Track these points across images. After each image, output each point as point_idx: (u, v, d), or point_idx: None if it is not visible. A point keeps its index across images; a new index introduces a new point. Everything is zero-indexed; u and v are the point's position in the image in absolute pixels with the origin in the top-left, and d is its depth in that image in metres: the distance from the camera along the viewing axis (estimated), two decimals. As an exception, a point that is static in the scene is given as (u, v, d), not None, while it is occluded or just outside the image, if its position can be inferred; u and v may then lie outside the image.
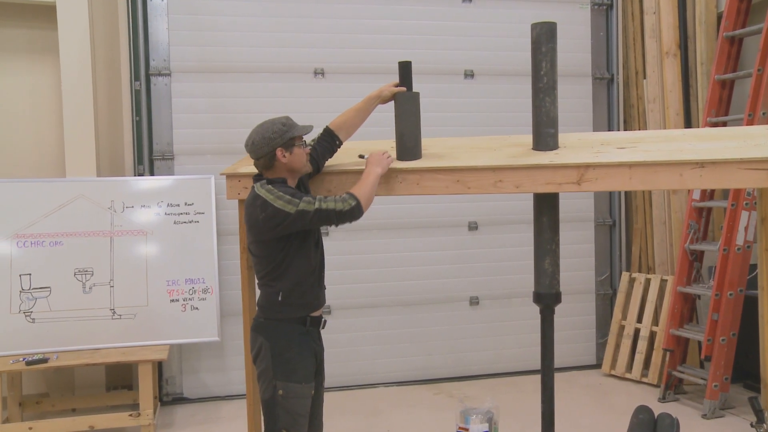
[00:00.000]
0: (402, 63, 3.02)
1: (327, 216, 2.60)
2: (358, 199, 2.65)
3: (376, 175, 2.77)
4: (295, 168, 2.74)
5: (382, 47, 5.35)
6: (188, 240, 4.76)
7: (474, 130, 5.40)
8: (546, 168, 2.75)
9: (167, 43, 5.09)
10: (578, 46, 5.75)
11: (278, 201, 2.58)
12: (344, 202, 2.62)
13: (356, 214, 2.64)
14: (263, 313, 2.75)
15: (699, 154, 2.72)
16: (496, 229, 5.64)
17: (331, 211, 2.60)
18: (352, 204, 2.63)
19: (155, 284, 4.66)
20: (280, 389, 2.67)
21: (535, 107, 2.90)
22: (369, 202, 2.71)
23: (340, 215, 2.61)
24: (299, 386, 2.69)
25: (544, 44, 2.83)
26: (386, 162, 2.84)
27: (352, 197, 2.65)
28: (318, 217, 2.59)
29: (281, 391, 2.67)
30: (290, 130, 2.71)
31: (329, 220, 2.62)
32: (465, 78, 5.56)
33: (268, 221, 2.59)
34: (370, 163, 2.82)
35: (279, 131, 2.69)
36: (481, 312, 5.65)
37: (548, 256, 3.00)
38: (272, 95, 5.22)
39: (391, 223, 5.44)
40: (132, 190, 4.76)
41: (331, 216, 2.61)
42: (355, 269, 5.38)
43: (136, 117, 5.07)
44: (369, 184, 2.73)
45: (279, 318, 2.71)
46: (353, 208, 2.63)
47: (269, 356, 2.68)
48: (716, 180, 2.70)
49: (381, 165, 2.82)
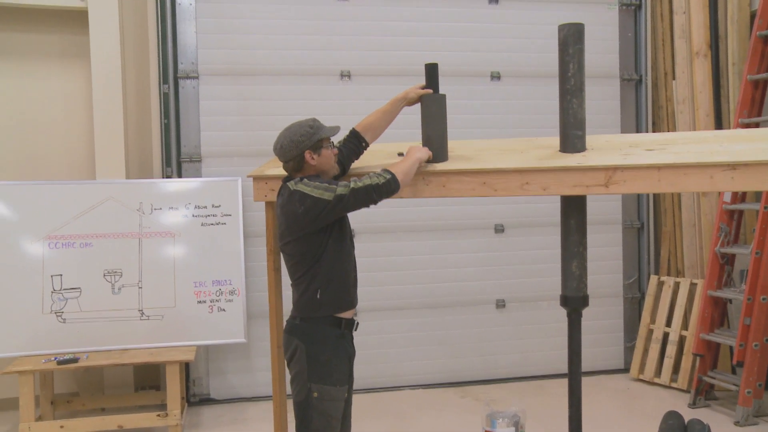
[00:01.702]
0: (428, 65, 3.01)
1: (365, 193, 2.60)
2: (393, 172, 2.66)
3: (415, 158, 2.80)
4: (324, 169, 2.76)
5: (408, 49, 5.35)
6: (215, 242, 4.80)
7: (500, 132, 5.39)
8: (573, 170, 2.73)
9: (195, 47, 5.14)
10: (606, 47, 5.70)
11: (316, 191, 2.60)
12: (379, 177, 2.64)
13: (393, 187, 2.65)
14: (300, 312, 2.75)
15: (730, 156, 2.67)
16: (522, 231, 5.61)
17: (368, 186, 2.60)
18: (387, 177, 2.64)
19: (183, 285, 4.70)
20: (314, 392, 2.67)
21: (562, 109, 2.88)
22: (407, 178, 2.72)
23: (378, 189, 2.61)
24: (334, 389, 2.70)
25: (571, 45, 2.81)
26: (426, 152, 2.88)
27: (386, 171, 2.67)
28: (356, 198, 2.60)
29: (316, 394, 2.67)
30: (317, 132, 2.72)
31: (368, 196, 2.61)
32: (491, 80, 5.54)
33: (309, 212, 2.59)
34: (410, 151, 2.85)
35: (306, 134, 2.71)
36: (508, 315, 5.61)
37: (576, 259, 2.98)
38: (299, 98, 5.25)
39: (417, 226, 5.44)
40: (160, 192, 4.81)
41: (369, 192, 2.61)
42: (382, 271, 5.39)
43: (164, 120, 5.13)
44: (407, 163, 2.76)
45: (316, 317, 2.71)
46: (389, 181, 2.63)
47: (304, 358, 2.69)
48: (748, 182, 2.65)
49: (420, 152, 2.84)
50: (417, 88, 3.00)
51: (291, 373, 2.77)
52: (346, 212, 2.68)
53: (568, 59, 2.82)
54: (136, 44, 5.21)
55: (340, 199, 2.58)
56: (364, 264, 5.17)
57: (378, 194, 2.62)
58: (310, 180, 2.66)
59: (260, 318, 5.11)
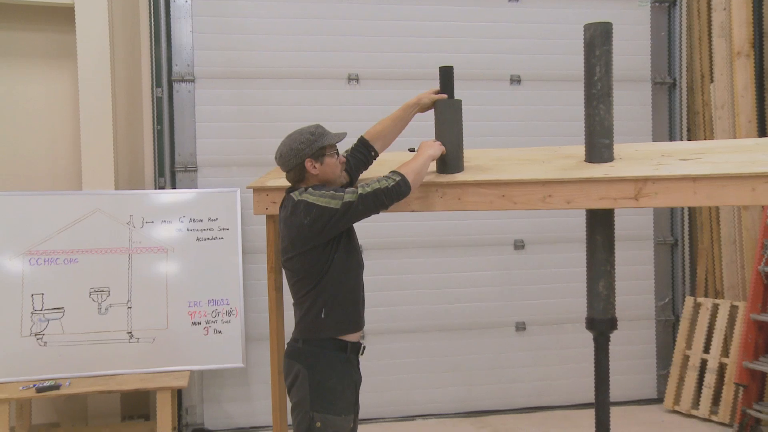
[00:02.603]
0: (443, 68, 3.04)
1: (375, 198, 2.63)
2: (403, 174, 2.69)
3: (427, 155, 2.83)
4: (328, 179, 2.78)
5: (421, 51, 5.39)
6: (211, 258, 4.82)
7: (521, 140, 5.41)
8: (600, 182, 2.74)
9: (191, 47, 5.19)
10: (636, 47, 5.72)
11: (322, 199, 2.62)
12: (388, 179, 2.66)
13: (404, 189, 2.67)
14: (302, 335, 2.76)
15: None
16: (544, 248, 5.61)
17: (377, 190, 2.63)
18: (397, 179, 2.66)
19: (176, 305, 4.72)
20: (317, 421, 2.67)
21: (588, 115, 2.90)
22: (417, 178, 2.75)
23: (388, 193, 2.64)
24: (338, 418, 2.70)
25: (598, 46, 2.83)
26: (438, 147, 2.89)
27: (394, 173, 2.70)
28: (365, 204, 2.62)
29: (319, 423, 2.67)
30: (319, 140, 2.74)
31: (378, 201, 2.64)
32: (511, 84, 5.56)
33: (316, 223, 2.62)
34: (421, 147, 2.89)
35: (307, 141, 2.73)
36: (529, 339, 5.61)
37: (602, 278, 2.99)
38: (303, 103, 5.29)
39: (429, 241, 5.45)
40: (152, 204, 4.84)
41: (379, 196, 2.63)
42: (391, 291, 5.40)
43: (157, 126, 5.16)
44: (417, 162, 2.78)
45: (320, 340, 2.73)
46: (399, 183, 2.66)
47: (307, 385, 2.70)
48: (794, 195, 2.65)
49: (432, 148, 2.86)
50: (430, 93, 3.03)
51: (292, 401, 2.78)
52: (355, 220, 2.70)
53: (594, 61, 2.85)
54: (127, 44, 5.25)
55: (348, 206, 2.60)
56: (372, 283, 5.19)
57: (389, 198, 2.65)
58: (315, 189, 2.68)
59: (260, 341, 5.12)
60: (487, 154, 3.30)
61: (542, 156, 3.19)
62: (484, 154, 3.29)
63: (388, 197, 2.64)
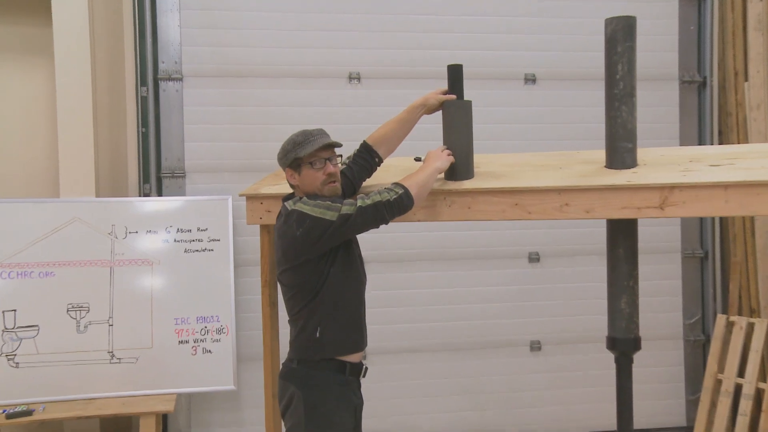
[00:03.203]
0: (452, 66, 3.06)
1: (374, 211, 2.63)
2: (406, 186, 2.69)
3: (433, 168, 2.84)
4: (308, 190, 2.78)
5: (428, 48, 5.41)
6: (201, 271, 4.83)
7: (536, 144, 5.42)
8: (622, 189, 2.75)
9: (179, 43, 5.22)
10: (662, 43, 5.72)
11: (316, 209, 2.62)
12: (389, 192, 2.67)
13: (407, 203, 2.68)
14: (297, 354, 2.77)
15: (813, 173, 2.68)
16: (561, 261, 5.62)
17: (378, 203, 2.63)
18: (399, 192, 2.67)
19: (161, 323, 4.73)
20: None
21: (609, 117, 2.91)
22: (422, 192, 2.75)
23: (389, 206, 2.64)
24: (335, 445, 2.71)
25: (620, 42, 2.85)
26: (446, 158, 2.90)
27: (397, 185, 2.70)
28: (363, 217, 2.63)
29: None
30: (294, 150, 2.75)
31: (377, 214, 2.64)
32: (525, 83, 5.58)
33: (309, 234, 2.62)
34: (428, 158, 2.90)
35: (283, 150, 2.80)
36: (545, 359, 5.61)
37: (625, 294, 2.99)
38: (300, 103, 5.30)
39: (436, 254, 5.46)
40: (136, 213, 4.85)
41: (379, 209, 2.64)
42: (395, 307, 5.40)
43: (142, 128, 5.19)
44: (422, 175, 2.79)
45: (317, 360, 2.73)
46: (401, 197, 2.66)
47: (302, 409, 2.70)
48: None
49: (440, 159, 2.87)
50: (438, 94, 3.04)
51: (286, 426, 2.78)
52: (352, 234, 2.71)
53: (616, 59, 2.86)
54: (109, 39, 5.25)
55: (345, 219, 2.61)
56: (374, 298, 5.18)
57: (389, 212, 2.65)
58: (310, 198, 2.69)
59: (253, 361, 5.13)
60: (499, 160, 3.31)
61: (559, 161, 3.20)
62: (496, 160, 3.30)
63: (389, 211, 2.65)
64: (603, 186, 2.77)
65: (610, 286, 3.04)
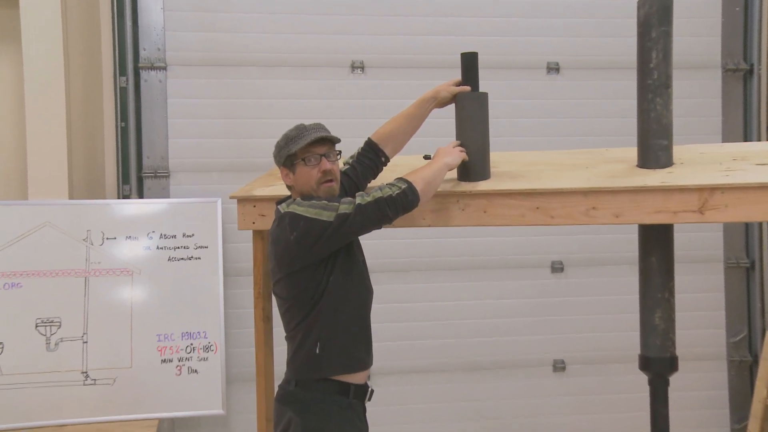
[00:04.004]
0: (465, 54, 3.07)
1: (375, 209, 2.63)
2: (410, 181, 2.69)
3: (442, 163, 2.84)
4: (303, 190, 2.79)
5: (439, 33, 5.41)
6: (186, 282, 4.82)
7: (559, 140, 5.41)
8: (656, 191, 2.76)
9: (162, 27, 5.23)
10: (703, 27, 5.69)
11: (311, 210, 2.63)
12: (392, 187, 2.67)
13: (410, 199, 2.67)
14: (295, 375, 2.78)
15: None
16: (588, 271, 5.61)
17: (379, 200, 2.63)
18: (402, 186, 2.67)
19: (142, 340, 4.72)
20: None
21: (641, 111, 2.92)
22: (428, 188, 2.75)
23: (392, 202, 2.63)
24: (337, 477, 2.72)
25: (654, 27, 2.85)
26: (457, 154, 2.90)
27: (400, 180, 2.71)
28: (363, 216, 2.62)
29: None
30: (287, 145, 2.77)
31: (379, 212, 2.63)
32: (548, 73, 5.58)
33: (304, 238, 2.62)
34: (437, 154, 2.91)
35: (278, 147, 2.83)
36: (569, 381, 5.60)
37: (659, 308, 2.99)
38: (298, 95, 5.31)
39: (448, 263, 5.47)
40: (114, 217, 4.85)
41: (380, 206, 2.63)
42: (401, 322, 5.41)
43: (121, 122, 5.20)
44: (430, 169, 2.79)
45: (317, 381, 2.74)
46: (404, 192, 2.66)
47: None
48: None
49: (450, 155, 2.88)
50: (450, 85, 3.05)
51: (282, 456, 2.79)
52: (352, 236, 2.71)
53: (650, 45, 2.87)
54: (84, 22, 5.24)
55: (343, 219, 2.61)
56: (380, 312, 5.17)
57: (392, 209, 2.65)
58: (304, 199, 2.70)
59: (244, 382, 5.14)
60: (518, 158, 3.32)
61: (585, 160, 3.20)
62: (515, 158, 3.31)
63: (392, 208, 2.65)
64: (634, 187, 2.78)
65: (642, 299, 3.04)
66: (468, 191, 2.92)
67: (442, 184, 2.90)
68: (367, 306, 2.88)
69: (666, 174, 2.84)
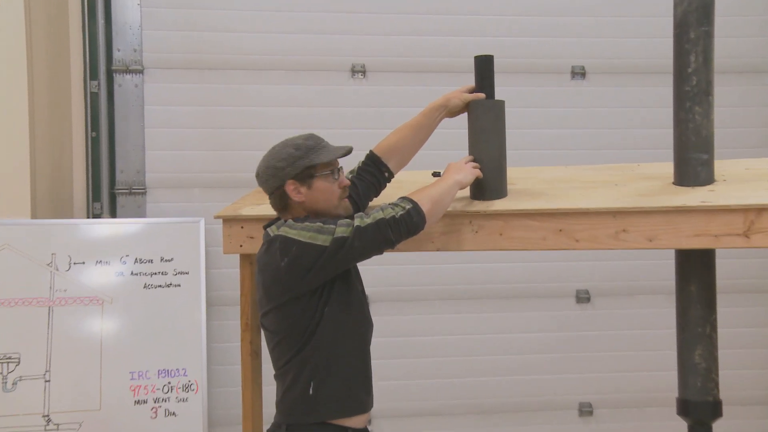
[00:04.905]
0: (480, 58, 3.07)
1: (375, 232, 2.60)
2: (415, 200, 2.67)
3: (453, 181, 2.81)
4: (320, 209, 2.77)
5: (449, 34, 5.43)
6: (164, 312, 4.82)
7: (585, 154, 5.41)
8: (695, 212, 2.75)
9: (139, 26, 5.25)
10: (749, 26, 5.69)
11: (304, 233, 2.59)
12: (394, 207, 2.64)
13: (415, 221, 2.63)
14: (285, 417, 2.75)
15: None
16: (617, 302, 5.60)
17: (380, 222, 2.60)
18: (407, 207, 2.64)
19: (113, 378, 4.71)
20: None
21: (678, 121, 2.91)
22: (436, 208, 2.73)
23: (394, 224, 2.60)
24: None
25: (693, 27, 2.85)
26: (470, 171, 2.89)
27: (405, 199, 2.68)
28: (362, 239, 2.59)
29: None
30: (307, 155, 2.74)
31: (380, 236, 2.60)
32: (573, 78, 5.59)
33: (296, 264, 2.59)
34: (447, 170, 2.89)
35: (290, 158, 2.73)
36: (597, 427, 5.58)
37: (700, 345, 2.98)
38: (292, 102, 5.33)
39: (458, 292, 5.46)
40: (83, 239, 4.86)
41: (381, 229, 2.60)
42: (406, 358, 5.41)
43: (91, 132, 5.21)
44: (438, 188, 2.77)
45: (309, 423, 2.71)
46: (409, 212, 2.62)
47: None
48: None
49: (462, 171, 2.86)
50: (463, 92, 3.05)
51: None
52: (350, 262, 2.68)
53: (688, 47, 2.86)
54: (50, 21, 5.25)
55: (340, 243, 2.58)
56: (381, 347, 5.16)
57: (395, 231, 2.62)
58: (297, 221, 2.68)
59: (229, 426, 5.12)
60: (538, 174, 3.32)
61: (614, 176, 3.20)
62: (535, 174, 3.31)
63: (395, 230, 2.62)
64: (671, 207, 2.77)
65: (680, 333, 3.03)
66: (482, 211, 2.91)
67: (452, 203, 2.89)
68: (367, 340, 2.87)
69: (707, 192, 2.84)
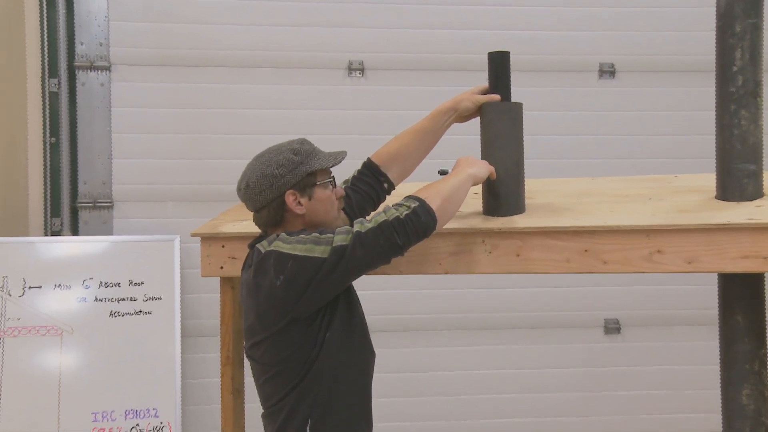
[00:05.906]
0: (494, 54, 3.07)
1: (380, 237, 2.55)
2: (422, 198, 2.63)
3: (465, 174, 2.77)
4: (319, 221, 2.76)
5: (458, 27, 5.46)
6: (133, 344, 4.82)
7: (614, 164, 5.42)
8: (742, 230, 2.74)
9: (105, 16, 5.25)
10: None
11: (299, 247, 2.57)
12: (399, 208, 2.59)
13: (423, 220, 2.59)
14: None
15: None
16: (651, 333, 5.60)
17: (383, 225, 2.55)
18: (413, 205, 2.59)
19: (73, 419, 4.70)
20: None
21: (722, 126, 2.91)
22: (447, 206, 2.69)
23: (399, 225, 2.55)
24: None
25: (738, 20, 2.85)
26: (484, 165, 2.87)
27: (411, 198, 2.64)
28: (365, 247, 2.55)
29: None
30: (307, 162, 2.74)
31: (385, 241, 2.56)
32: (601, 77, 5.60)
33: (293, 281, 2.56)
34: (457, 165, 2.85)
35: (288, 164, 2.72)
36: (629, 477, 5.58)
37: (747, 383, 2.97)
38: (283, 104, 5.35)
39: (469, 321, 5.47)
40: (40, 260, 4.87)
41: (385, 233, 2.55)
42: (410, 396, 5.42)
43: (50, 138, 5.21)
44: (449, 183, 2.73)
45: None
46: (416, 211, 2.58)
47: None
48: None
49: (475, 165, 2.84)
50: (475, 93, 3.04)
51: None
52: (353, 275, 2.65)
53: (733, 43, 2.86)
54: (4, 12, 5.23)
55: (341, 253, 2.55)
56: (383, 383, 5.15)
57: (402, 234, 2.57)
58: (290, 234, 2.67)
59: (204, 476, 5.12)
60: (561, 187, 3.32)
61: (648, 189, 3.20)
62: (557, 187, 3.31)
63: (401, 233, 2.57)
64: (713, 225, 2.76)
65: (725, 370, 3.02)
66: (496, 229, 2.91)
67: (462, 220, 2.88)
68: (370, 373, 2.85)
69: (754, 208, 2.83)
